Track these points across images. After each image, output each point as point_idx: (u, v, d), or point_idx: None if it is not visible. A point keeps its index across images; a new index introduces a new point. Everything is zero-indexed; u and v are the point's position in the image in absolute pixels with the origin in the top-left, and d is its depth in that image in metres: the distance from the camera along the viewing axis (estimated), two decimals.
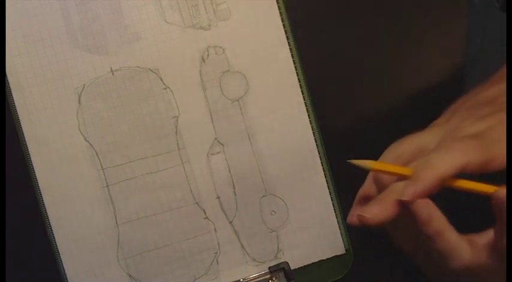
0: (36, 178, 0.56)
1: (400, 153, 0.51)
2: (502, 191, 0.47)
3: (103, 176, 0.57)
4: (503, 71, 0.56)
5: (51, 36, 0.56)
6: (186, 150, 0.58)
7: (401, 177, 0.49)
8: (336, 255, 0.59)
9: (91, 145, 0.57)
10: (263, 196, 0.58)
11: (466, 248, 0.49)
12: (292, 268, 0.58)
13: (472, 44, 0.63)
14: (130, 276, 0.57)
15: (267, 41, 0.58)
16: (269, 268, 0.58)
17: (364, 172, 0.52)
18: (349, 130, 0.60)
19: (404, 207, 0.49)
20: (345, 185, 0.56)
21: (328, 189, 0.59)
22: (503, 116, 0.50)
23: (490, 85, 0.54)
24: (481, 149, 0.48)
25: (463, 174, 0.49)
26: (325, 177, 0.59)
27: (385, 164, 0.50)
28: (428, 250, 0.49)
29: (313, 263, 0.59)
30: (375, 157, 0.54)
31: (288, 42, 0.58)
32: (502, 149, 0.49)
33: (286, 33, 0.58)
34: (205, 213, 0.58)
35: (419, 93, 0.55)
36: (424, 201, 0.48)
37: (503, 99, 0.53)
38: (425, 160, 0.48)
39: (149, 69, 0.57)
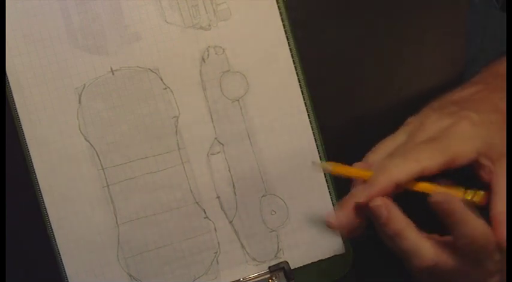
0: (36, 178, 0.56)
1: (372, 161, 0.52)
2: (436, 197, 0.48)
3: (103, 175, 0.57)
4: (478, 77, 0.57)
5: (51, 36, 0.56)
6: (186, 150, 0.58)
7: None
8: (336, 255, 0.59)
9: (91, 145, 0.57)
10: (263, 196, 0.58)
11: (428, 248, 0.50)
12: (292, 268, 0.58)
13: (472, 44, 0.63)
14: (130, 276, 0.57)
15: (267, 41, 0.58)
16: (269, 268, 0.58)
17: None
18: (349, 130, 0.60)
19: (365, 210, 0.50)
20: (345, 185, 0.56)
21: (328, 189, 0.59)
22: (470, 114, 0.51)
23: (463, 88, 0.56)
24: (439, 152, 0.50)
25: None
26: (325, 177, 0.59)
27: (346, 166, 0.53)
28: (393, 250, 0.50)
29: (313, 262, 0.59)
30: None
31: (288, 42, 0.58)
32: (464, 146, 0.50)
33: (286, 33, 0.58)
34: (205, 213, 0.58)
35: (419, 93, 0.55)
36: (382, 202, 0.49)
37: (474, 98, 0.54)
38: (383, 165, 0.50)
39: (149, 69, 0.57)
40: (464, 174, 0.51)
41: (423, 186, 0.51)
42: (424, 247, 0.50)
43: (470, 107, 0.52)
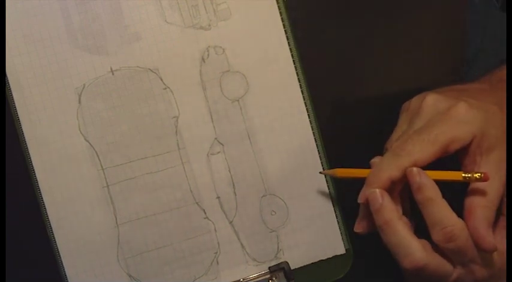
0: (36, 178, 0.56)
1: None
2: (421, 178, 0.50)
3: (103, 176, 0.57)
4: (483, 78, 0.57)
5: (51, 36, 0.56)
6: (186, 150, 0.58)
7: None
8: (336, 255, 0.59)
9: (91, 145, 0.57)
10: (263, 196, 0.58)
11: (419, 247, 0.50)
12: (292, 268, 0.58)
13: (472, 44, 0.63)
14: (130, 276, 0.57)
15: (267, 41, 0.58)
16: (269, 268, 0.58)
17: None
18: (349, 130, 0.60)
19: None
20: (345, 184, 0.56)
21: (328, 189, 0.59)
22: (468, 99, 0.51)
23: (466, 83, 0.56)
24: (430, 143, 0.51)
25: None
26: (325, 177, 0.59)
27: (351, 170, 0.55)
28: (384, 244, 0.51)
29: (313, 263, 0.59)
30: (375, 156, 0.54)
31: (288, 42, 0.58)
32: (460, 129, 0.50)
33: (286, 33, 0.58)
34: (205, 213, 0.58)
35: (419, 93, 0.55)
36: (377, 190, 0.50)
37: (476, 90, 0.54)
38: (377, 165, 0.51)
39: (149, 69, 0.57)
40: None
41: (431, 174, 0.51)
42: (414, 246, 0.50)
43: (470, 95, 0.52)
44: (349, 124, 0.60)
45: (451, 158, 0.52)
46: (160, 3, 0.57)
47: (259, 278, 0.58)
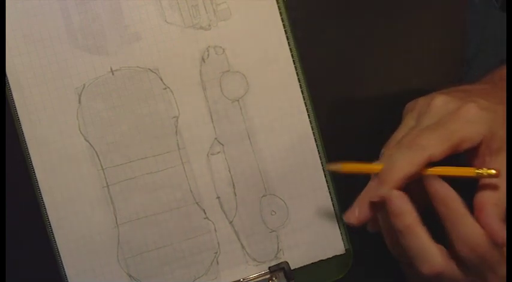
0: (36, 178, 0.56)
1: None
2: (435, 185, 0.48)
3: (103, 176, 0.57)
4: (485, 79, 0.57)
5: (51, 36, 0.56)
6: (186, 150, 0.58)
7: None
8: (336, 255, 0.59)
9: (91, 145, 0.57)
10: (263, 196, 0.58)
11: (437, 253, 0.49)
12: (292, 268, 0.58)
13: (472, 44, 0.63)
14: (130, 276, 0.57)
15: (267, 41, 0.58)
16: (269, 268, 0.58)
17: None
18: (349, 130, 0.60)
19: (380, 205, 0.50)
20: (345, 185, 0.56)
21: (328, 189, 0.59)
22: (477, 99, 0.51)
23: (470, 84, 0.56)
24: (445, 139, 0.49)
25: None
26: (325, 177, 0.59)
27: (356, 164, 0.53)
28: (403, 250, 0.50)
29: (313, 263, 0.59)
30: (375, 157, 0.54)
31: (288, 42, 0.58)
32: (470, 129, 0.50)
33: (286, 33, 0.58)
34: (205, 213, 0.58)
35: (419, 93, 0.55)
36: (397, 193, 0.49)
37: (481, 90, 0.54)
38: (390, 160, 0.50)
39: (149, 69, 0.57)
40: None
41: (434, 170, 0.50)
42: (433, 251, 0.49)
43: (477, 95, 0.52)
44: (349, 124, 0.60)
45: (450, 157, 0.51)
46: (160, 3, 0.57)
47: (259, 278, 0.58)
